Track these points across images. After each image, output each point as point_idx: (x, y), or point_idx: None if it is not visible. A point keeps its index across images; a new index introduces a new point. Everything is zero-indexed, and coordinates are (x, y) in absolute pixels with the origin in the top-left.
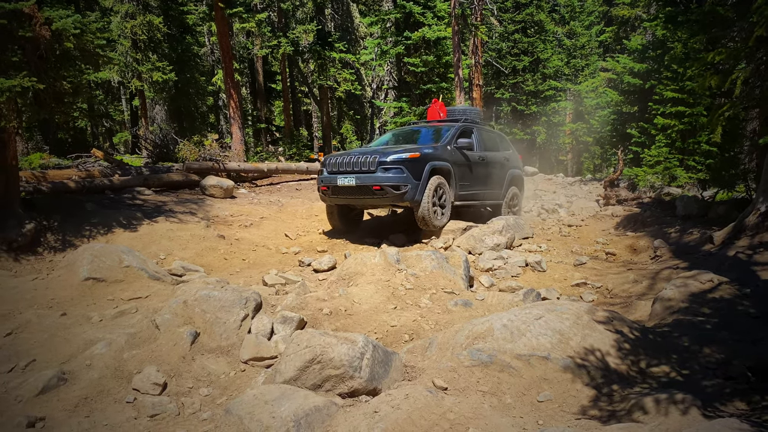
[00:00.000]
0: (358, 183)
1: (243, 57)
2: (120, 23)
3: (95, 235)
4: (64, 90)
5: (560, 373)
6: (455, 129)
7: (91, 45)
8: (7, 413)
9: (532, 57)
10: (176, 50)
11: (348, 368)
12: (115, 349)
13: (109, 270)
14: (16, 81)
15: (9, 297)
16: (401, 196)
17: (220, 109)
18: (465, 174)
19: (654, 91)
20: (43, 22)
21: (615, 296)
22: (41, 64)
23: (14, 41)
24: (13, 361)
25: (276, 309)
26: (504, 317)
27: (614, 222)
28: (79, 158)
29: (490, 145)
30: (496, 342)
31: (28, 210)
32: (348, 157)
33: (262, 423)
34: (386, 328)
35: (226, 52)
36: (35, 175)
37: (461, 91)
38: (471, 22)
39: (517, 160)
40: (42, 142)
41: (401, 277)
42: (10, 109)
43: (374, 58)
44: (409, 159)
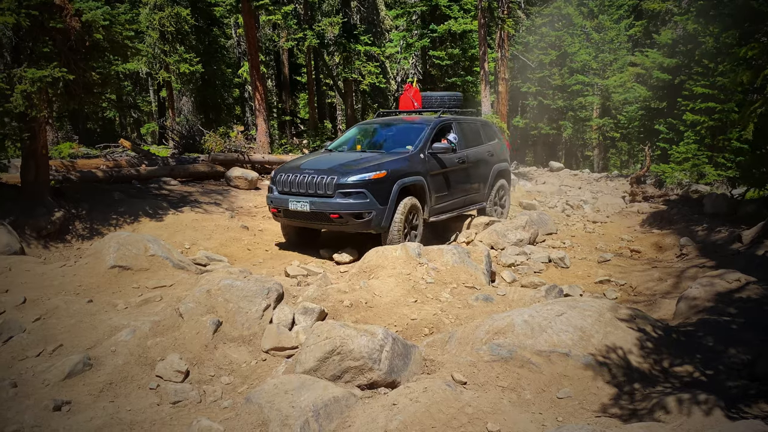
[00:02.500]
0: (313, 209)
1: (269, 49)
2: (148, 15)
3: (122, 224)
4: (93, 81)
5: (581, 370)
6: (430, 129)
7: (120, 36)
8: (35, 396)
9: (559, 51)
10: (203, 42)
11: (367, 360)
12: (139, 336)
13: (135, 258)
14: (46, 71)
15: (38, 283)
16: (365, 224)
17: (245, 101)
18: (441, 184)
19: (684, 86)
20: (74, 13)
21: (639, 294)
22: (71, 55)
23: (45, 32)
24: (41, 345)
25: (297, 300)
26: (525, 313)
27: (640, 219)
28: (107, 148)
29: (472, 138)
30: (516, 338)
31: (58, 198)
32: (300, 175)
33: (282, 412)
34: (406, 322)
35: (253, 44)
36: (64, 164)
37: (486, 85)
38: (498, 15)
39: (503, 151)
40: (72, 131)
41: (422, 270)
42: (40, 99)
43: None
44: (374, 180)
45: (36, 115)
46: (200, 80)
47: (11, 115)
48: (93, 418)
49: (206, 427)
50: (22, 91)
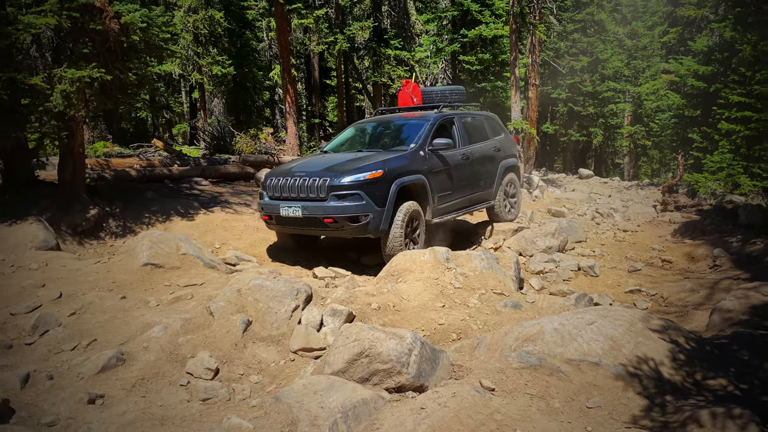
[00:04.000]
0: (305, 214)
1: (300, 53)
2: (183, 17)
3: (154, 223)
4: (130, 81)
5: (611, 380)
6: (429, 125)
7: (157, 38)
8: (70, 389)
9: (591, 57)
10: (236, 45)
11: (396, 363)
12: (170, 333)
13: (167, 257)
14: (85, 72)
15: (73, 278)
16: (362, 228)
17: (275, 103)
18: (444, 183)
19: (719, 94)
20: (113, 15)
21: (670, 305)
22: (109, 56)
23: (85, 33)
24: (76, 339)
25: (326, 301)
26: (555, 321)
27: (671, 229)
28: (141, 148)
29: (476, 134)
30: (546, 345)
31: (92, 196)
32: (291, 179)
33: (311, 412)
34: (434, 326)
35: (285, 47)
36: (99, 162)
37: (517, 90)
38: (529, 21)
39: (510, 146)
40: (106, 131)
41: (450, 275)
42: (79, 99)
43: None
44: (369, 180)
45: (74, 114)
46: (232, 82)
47: (51, 114)
48: (125, 413)
49: (236, 424)
50: (62, 91)
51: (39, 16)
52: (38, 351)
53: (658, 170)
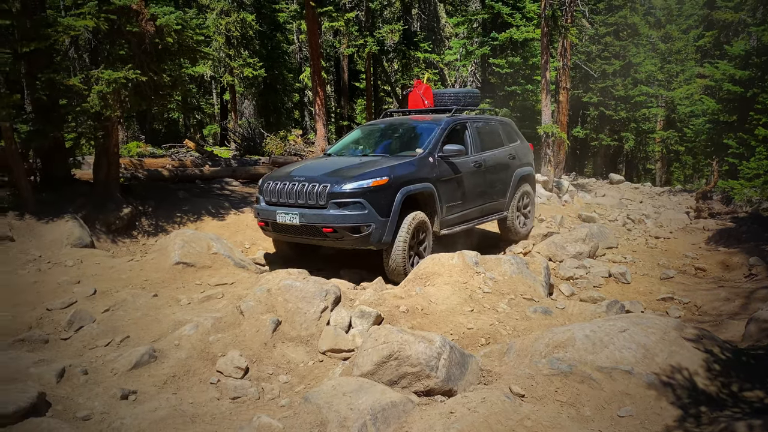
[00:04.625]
0: (303, 222)
1: (329, 55)
2: (215, 20)
3: (186, 222)
4: (164, 83)
5: (643, 389)
6: (441, 130)
7: (191, 41)
8: (104, 384)
9: (624, 61)
10: (266, 47)
11: (425, 367)
12: (201, 331)
13: (198, 256)
14: (121, 73)
15: (107, 276)
16: (363, 239)
17: (304, 105)
18: (454, 192)
19: (756, 99)
20: (149, 17)
21: (704, 314)
22: (144, 57)
23: (122, 35)
24: (110, 336)
25: (354, 303)
26: (586, 327)
27: (705, 236)
28: (173, 148)
29: (490, 141)
30: (576, 352)
31: (126, 195)
32: (290, 183)
33: (340, 413)
34: (462, 330)
35: (315, 50)
36: (133, 162)
37: (547, 94)
38: (561, 24)
39: (526, 154)
40: (138, 131)
41: (479, 280)
42: (114, 100)
43: (459, 59)
44: (373, 188)
45: (110, 114)
46: (262, 84)
47: (87, 114)
48: (157, 409)
49: (266, 424)
50: (99, 92)
51: (78, 19)
52: (73, 346)
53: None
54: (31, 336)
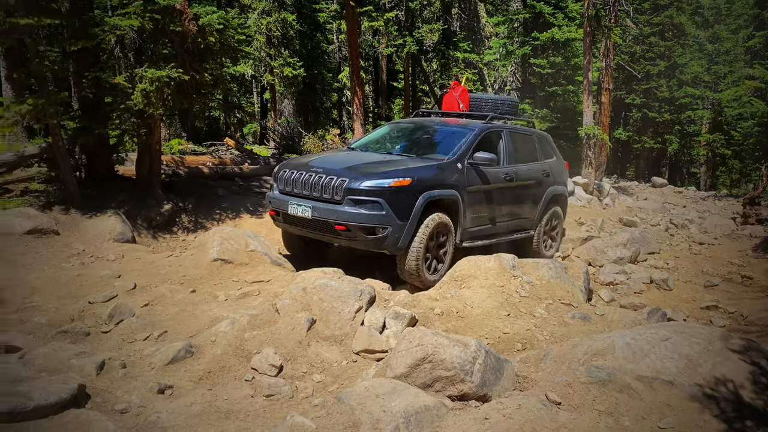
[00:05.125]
0: (314, 216)
1: (369, 55)
2: (257, 20)
3: (224, 219)
4: (205, 81)
5: (686, 400)
6: (473, 135)
7: (232, 40)
8: (141, 378)
9: (669, 62)
10: (306, 47)
11: (459, 371)
12: (237, 328)
13: (236, 253)
14: (164, 72)
15: (147, 271)
16: (378, 242)
17: (343, 105)
18: (480, 203)
19: None
20: (192, 17)
21: (750, 324)
22: (187, 56)
23: (165, 35)
24: (148, 330)
25: (389, 304)
26: (627, 335)
27: (752, 243)
28: (213, 146)
29: (525, 154)
30: (616, 360)
31: (167, 191)
32: (306, 173)
33: (373, 415)
34: (498, 335)
35: (354, 49)
36: (174, 159)
37: (589, 95)
38: (604, 24)
39: (560, 172)
40: (180, 129)
41: (516, 283)
42: (157, 98)
43: (499, 59)
44: (394, 189)
45: (153, 112)
46: (301, 84)
47: (131, 111)
48: (193, 404)
49: (299, 423)
50: (142, 90)
51: (124, 18)
52: (113, 339)
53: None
54: (73, 328)
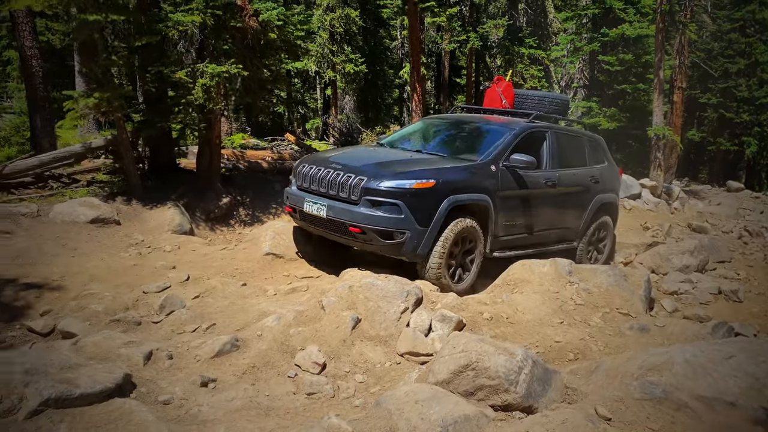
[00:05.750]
0: (329, 216)
1: (431, 51)
2: (321, 16)
3: (280, 214)
4: (265, 77)
5: (749, 423)
6: (512, 135)
7: (292, 36)
8: (186, 369)
9: (749, 60)
10: (369, 43)
11: (503, 381)
12: (283, 323)
13: (288, 248)
14: (224, 67)
15: (201, 263)
16: (394, 248)
17: (404, 101)
18: (515, 210)
19: None
20: (252, 13)
21: None
22: (247, 52)
23: (226, 31)
24: (197, 322)
25: (436, 306)
26: (687, 351)
27: None
28: (275, 141)
29: (571, 157)
30: (674, 377)
31: (226, 185)
32: (324, 169)
33: (410, 422)
34: (549, 343)
35: (416, 45)
36: (235, 153)
37: (660, 94)
38: (679, 20)
39: (612, 179)
40: (245, 123)
41: (571, 290)
42: (218, 93)
43: (566, 55)
44: (415, 191)
45: (213, 107)
46: (363, 80)
47: (192, 106)
48: (234, 399)
49: (335, 425)
50: (203, 85)
51: (186, 14)
52: (163, 330)
53: None
54: (125, 317)
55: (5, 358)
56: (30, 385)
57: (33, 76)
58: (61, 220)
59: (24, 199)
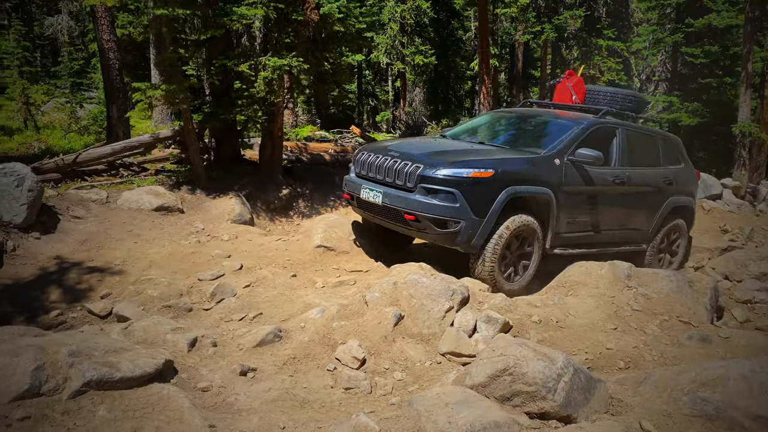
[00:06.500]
0: (385, 202)
1: (504, 42)
2: (392, 8)
3: (337, 206)
4: (325, 70)
5: None
6: (580, 130)
7: (353, 29)
8: (228, 358)
9: None
10: (441, 34)
11: (541, 387)
12: (327, 316)
13: (339, 241)
14: (285, 60)
15: (255, 253)
16: (449, 237)
17: (475, 94)
18: (580, 206)
19: None
20: (314, 6)
21: None
22: (309, 45)
23: (289, 24)
24: (245, 311)
25: (482, 306)
26: (745, 366)
27: None
28: (341, 133)
29: (644, 156)
30: (727, 394)
31: (287, 176)
32: (382, 157)
33: (437, 425)
34: (600, 350)
35: (485, 37)
36: (299, 145)
37: (748, 88)
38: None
39: (688, 181)
40: (316, 115)
41: (629, 295)
42: (280, 86)
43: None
44: (472, 180)
45: (274, 100)
46: (433, 72)
47: (254, 99)
48: (271, 389)
49: (363, 423)
50: (264, 78)
51: (250, 8)
52: (212, 317)
53: None
54: (177, 303)
55: (55, 339)
56: (74, 366)
57: (110, 67)
58: (128, 207)
59: (95, 186)
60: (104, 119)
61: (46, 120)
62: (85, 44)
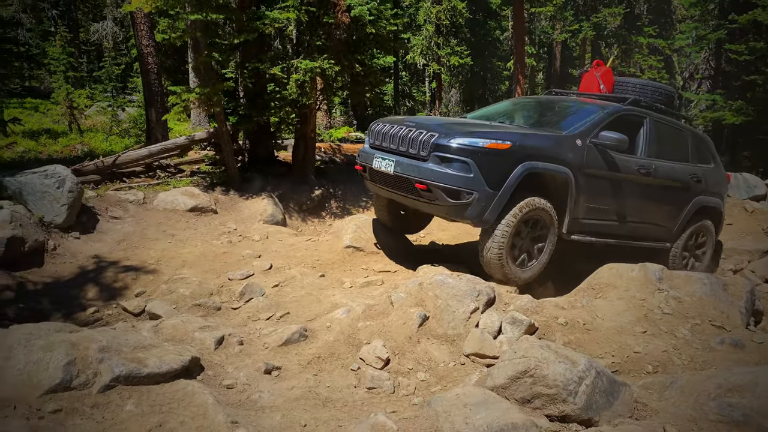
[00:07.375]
0: (396, 172)
1: (542, 42)
2: (427, 9)
3: (369, 207)
4: (356, 72)
5: None
6: (604, 114)
7: (384, 31)
8: (254, 356)
9: None
10: (477, 35)
11: (561, 390)
12: (352, 316)
13: (368, 241)
14: (317, 63)
15: (285, 253)
16: (459, 209)
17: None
18: (602, 192)
19: None
20: (345, 9)
21: None
22: (340, 47)
23: (320, 26)
24: (272, 310)
25: (508, 308)
26: None
27: None
28: None
29: (672, 151)
30: (756, 400)
31: (320, 177)
32: (397, 126)
33: (454, 426)
34: (627, 353)
35: (520, 36)
36: (332, 147)
37: None
38: None
39: (717, 182)
40: (352, 117)
41: (660, 297)
42: (312, 88)
43: (690, 44)
44: (487, 150)
45: (306, 101)
46: (469, 73)
47: (286, 101)
48: (294, 388)
49: (381, 423)
50: (296, 80)
51: (282, 11)
52: (240, 316)
53: None
54: (207, 302)
55: (87, 336)
56: (104, 362)
57: (149, 72)
58: (163, 207)
59: (133, 187)
60: (144, 122)
61: (90, 123)
62: (128, 49)
